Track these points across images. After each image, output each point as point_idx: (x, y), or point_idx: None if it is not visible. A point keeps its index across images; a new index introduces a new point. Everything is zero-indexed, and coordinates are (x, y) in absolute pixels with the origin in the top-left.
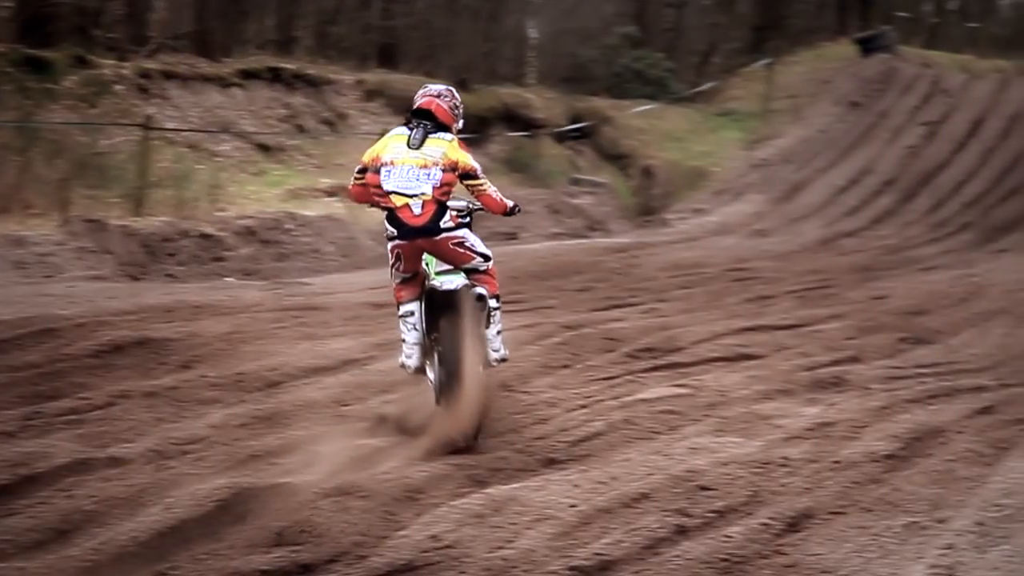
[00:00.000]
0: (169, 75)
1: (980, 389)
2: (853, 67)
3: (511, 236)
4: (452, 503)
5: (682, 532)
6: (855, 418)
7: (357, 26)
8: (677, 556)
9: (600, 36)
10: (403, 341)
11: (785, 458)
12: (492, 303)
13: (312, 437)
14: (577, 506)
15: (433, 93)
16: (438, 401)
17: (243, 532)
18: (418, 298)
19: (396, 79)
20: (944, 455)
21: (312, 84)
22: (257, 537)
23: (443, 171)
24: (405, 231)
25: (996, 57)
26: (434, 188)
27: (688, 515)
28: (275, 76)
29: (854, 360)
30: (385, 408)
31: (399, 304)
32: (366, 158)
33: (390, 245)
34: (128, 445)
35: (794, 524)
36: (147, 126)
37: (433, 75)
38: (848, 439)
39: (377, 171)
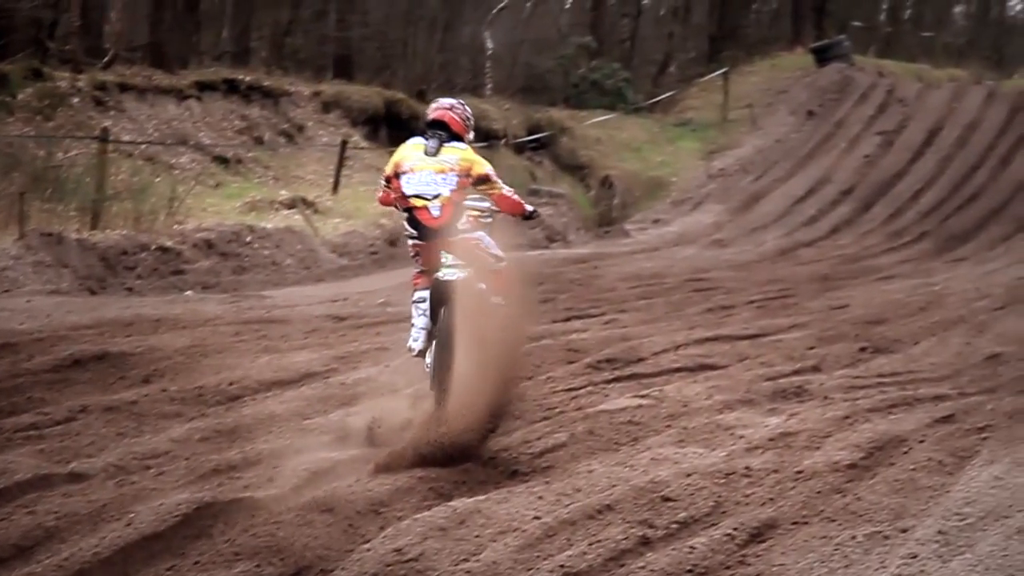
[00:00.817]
0: (125, 87)
1: (940, 398)
2: (809, 76)
3: None
4: (416, 516)
5: (646, 543)
6: (817, 428)
7: (313, 37)
8: (641, 567)
9: (557, 46)
10: (412, 325)
11: (748, 468)
12: (495, 300)
13: (274, 451)
14: (541, 518)
15: (445, 106)
16: (432, 387)
17: (206, 547)
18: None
19: (353, 90)
20: (905, 464)
21: (269, 96)
22: (220, 552)
23: (459, 176)
24: (424, 232)
25: (951, 66)
26: (452, 191)
27: (652, 526)
28: (231, 88)
29: (815, 370)
30: (353, 419)
31: (415, 290)
32: (388, 169)
33: (410, 243)
34: (89, 460)
35: (757, 534)
36: (104, 139)
37: (390, 86)
38: (810, 449)
39: (398, 177)
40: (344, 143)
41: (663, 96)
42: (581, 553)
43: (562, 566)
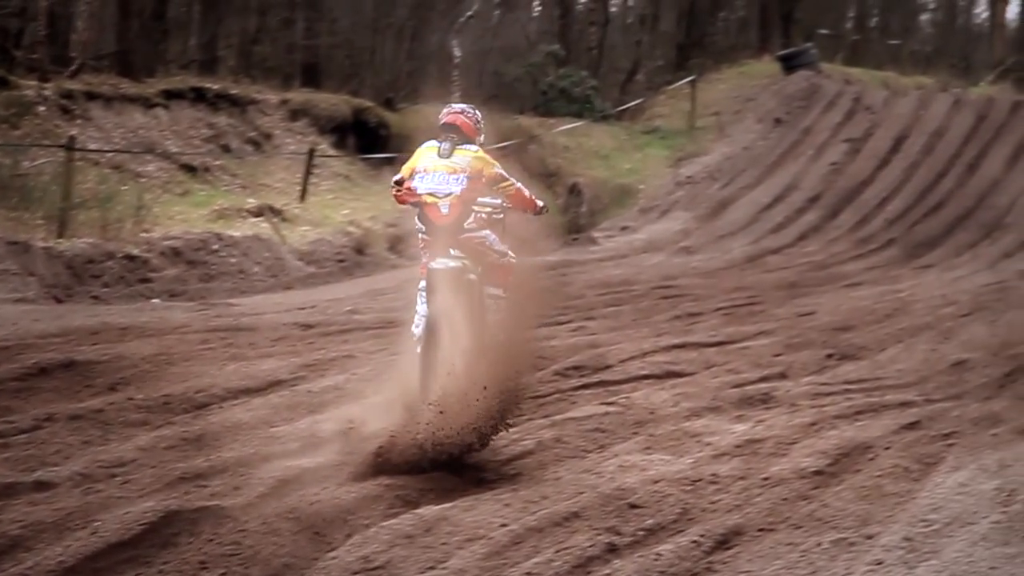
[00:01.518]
0: (92, 96)
1: (906, 405)
2: (776, 84)
3: None
4: (383, 524)
5: (613, 550)
6: (783, 435)
7: (281, 46)
8: (608, 574)
9: (525, 54)
10: (416, 312)
11: (714, 475)
12: (495, 291)
13: (240, 459)
14: (508, 525)
15: (457, 110)
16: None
17: (172, 556)
18: None
19: (320, 98)
20: (872, 471)
21: (236, 104)
22: (186, 561)
23: (469, 178)
24: (432, 228)
25: (917, 74)
26: (462, 191)
27: (619, 533)
28: (199, 96)
29: (782, 377)
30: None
31: (421, 279)
32: (404, 171)
33: (420, 236)
34: (55, 469)
35: (724, 541)
36: (70, 147)
37: (358, 94)
38: (777, 456)
39: (413, 177)
40: (312, 151)
41: (631, 104)
42: (548, 560)
43: (529, 573)
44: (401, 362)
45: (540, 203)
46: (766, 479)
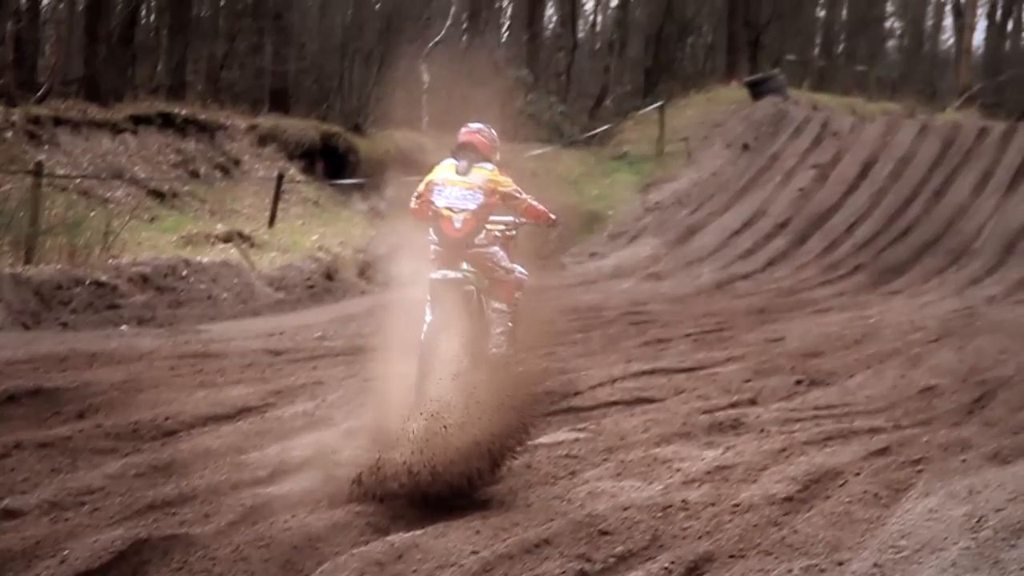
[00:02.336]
0: (59, 121)
1: (875, 431)
2: (744, 110)
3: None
4: (353, 551)
5: None
6: (753, 461)
7: (249, 71)
8: None
9: (493, 80)
10: (425, 321)
11: (685, 502)
12: (499, 306)
13: (210, 486)
14: (479, 552)
15: (473, 130)
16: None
17: None
18: None
19: (289, 123)
20: (841, 497)
21: (205, 129)
22: None
23: (485, 195)
24: (444, 240)
25: (884, 100)
26: (478, 206)
27: (590, 560)
28: (167, 121)
29: (751, 403)
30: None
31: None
32: (422, 186)
33: (432, 248)
34: (23, 496)
35: (695, 568)
36: (38, 172)
37: (326, 119)
38: (747, 482)
39: (431, 192)
40: (280, 176)
41: (599, 129)
42: None
43: None
44: (378, 387)
45: (553, 216)
46: (736, 505)
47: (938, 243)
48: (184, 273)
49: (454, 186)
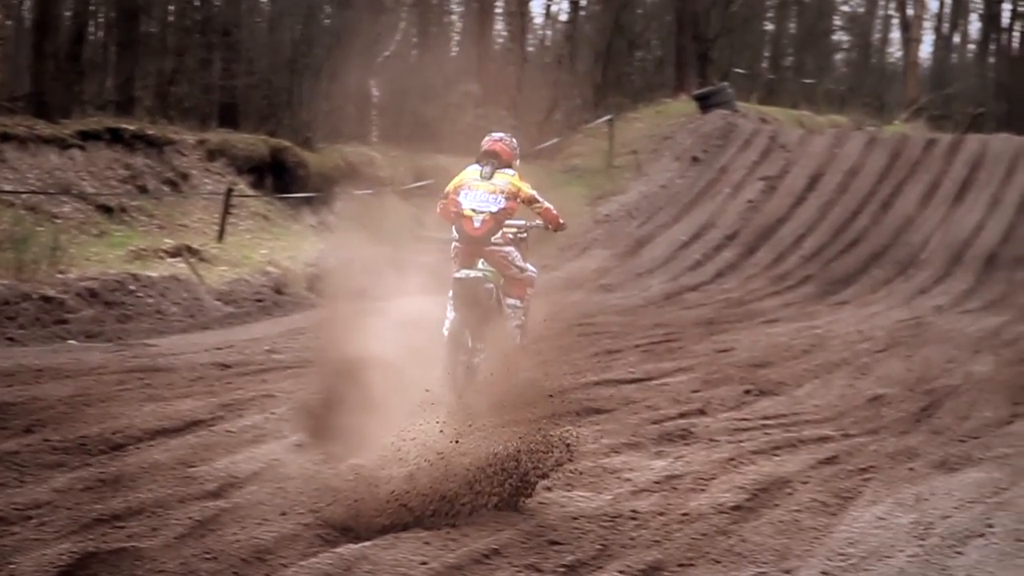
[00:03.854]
0: (6, 137)
1: (823, 440)
2: (693, 123)
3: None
4: (302, 563)
5: None
6: (702, 470)
7: (197, 86)
8: None
9: (442, 94)
10: (448, 317)
11: (634, 511)
12: (513, 302)
13: (158, 500)
14: (428, 563)
15: (496, 138)
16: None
17: None
18: None
19: (238, 139)
20: (790, 505)
21: (153, 144)
22: None
23: (507, 199)
24: (465, 238)
25: (832, 112)
26: (499, 209)
27: (539, 570)
28: (115, 137)
29: (700, 413)
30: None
31: (450, 289)
32: (449, 188)
33: (453, 245)
34: None
35: None
36: None
37: (275, 134)
38: (696, 491)
39: (457, 193)
40: (229, 191)
41: (549, 143)
42: None
43: None
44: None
45: (563, 220)
46: (685, 514)
47: (886, 254)
48: (132, 288)
49: (479, 189)
